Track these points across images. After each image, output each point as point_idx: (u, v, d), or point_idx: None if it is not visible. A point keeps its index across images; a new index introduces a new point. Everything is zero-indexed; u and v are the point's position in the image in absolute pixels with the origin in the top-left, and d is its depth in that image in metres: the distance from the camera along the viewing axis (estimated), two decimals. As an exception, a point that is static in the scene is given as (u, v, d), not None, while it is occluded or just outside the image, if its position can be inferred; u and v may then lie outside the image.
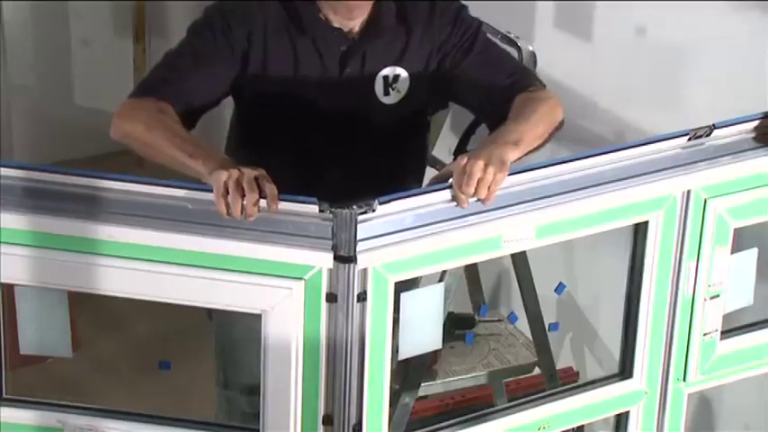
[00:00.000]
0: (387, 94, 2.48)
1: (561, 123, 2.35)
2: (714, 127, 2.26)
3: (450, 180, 2.10)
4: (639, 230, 2.29)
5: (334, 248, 2.01)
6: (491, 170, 2.05)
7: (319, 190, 2.06)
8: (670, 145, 2.24)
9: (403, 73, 2.47)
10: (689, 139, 2.24)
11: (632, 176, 2.21)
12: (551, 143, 2.33)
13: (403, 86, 2.48)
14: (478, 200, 2.08)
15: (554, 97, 2.37)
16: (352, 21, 2.42)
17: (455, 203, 2.08)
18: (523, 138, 2.20)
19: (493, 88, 2.43)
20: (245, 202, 1.98)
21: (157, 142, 2.22)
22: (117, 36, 5.43)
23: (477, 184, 2.05)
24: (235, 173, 2.01)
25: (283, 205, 2.01)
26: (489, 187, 2.06)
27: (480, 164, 2.05)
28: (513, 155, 2.15)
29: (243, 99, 2.53)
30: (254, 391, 2.61)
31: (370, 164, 2.50)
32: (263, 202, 2.00)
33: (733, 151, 2.31)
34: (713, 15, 3.03)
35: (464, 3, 2.53)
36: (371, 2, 2.40)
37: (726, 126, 2.28)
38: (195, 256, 2.03)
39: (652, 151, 2.22)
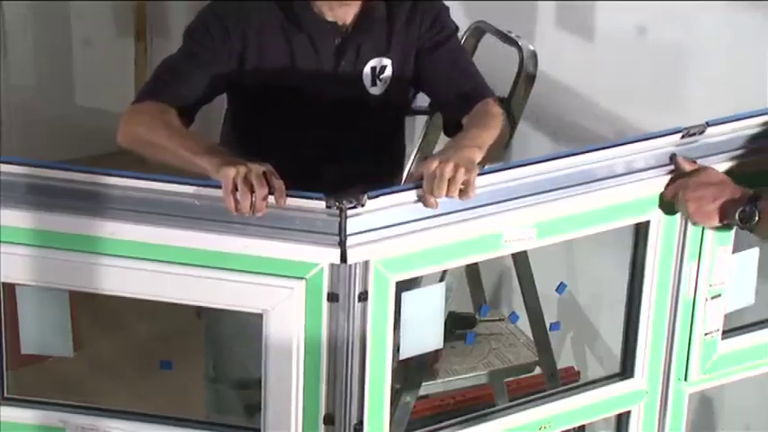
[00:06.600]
0: (374, 84, 2.53)
1: (506, 144, 2.42)
2: (708, 125, 2.26)
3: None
4: (640, 230, 2.29)
5: (341, 244, 2.00)
6: (462, 171, 2.05)
7: (314, 182, 2.06)
8: (663, 142, 2.23)
9: (388, 64, 2.52)
10: (682, 137, 2.24)
11: (631, 172, 2.21)
12: (552, 142, 2.33)
13: (387, 78, 2.53)
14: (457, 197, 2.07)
15: (504, 117, 2.41)
16: (346, 12, 2.46)
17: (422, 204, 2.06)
18: (484, 144, 2.23)
19: (457, 88, 2.49)
20: (254, 198, 1.98)
21: (160, 141, 2.23)
22: (118, 36, 5.44)
23: (449, 185, 2.05)
24: (243, 169, 1.99)
25: (290, 201, 2.00)
26: (466, 187, 2.05)
27: (450, 166, 2.05)
28: (478, 157, 2.17)
29: (239, 95, 2.56)
30: (243, 383, 2.63)
31: (360, 153, 2.54)
32: (270, 198, 1.99)
33: (727, 149, 2.30)
34: (713, 15, 3.03)
35: (448, 5, 2.59)
36: None
37: (719, 124, 2.27)
38: (196, 255, 2.03)
39: (645, 148, 2.22)
